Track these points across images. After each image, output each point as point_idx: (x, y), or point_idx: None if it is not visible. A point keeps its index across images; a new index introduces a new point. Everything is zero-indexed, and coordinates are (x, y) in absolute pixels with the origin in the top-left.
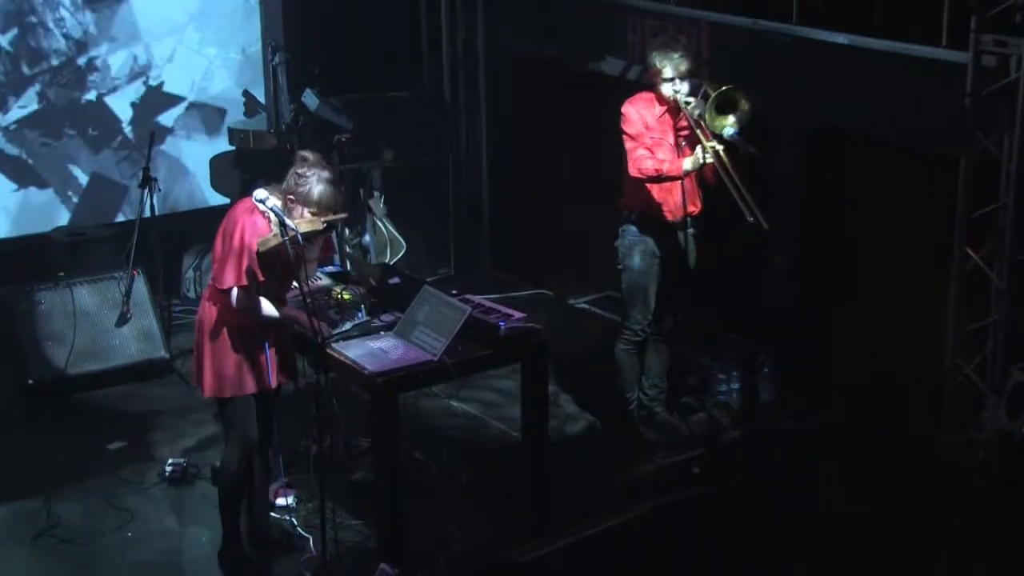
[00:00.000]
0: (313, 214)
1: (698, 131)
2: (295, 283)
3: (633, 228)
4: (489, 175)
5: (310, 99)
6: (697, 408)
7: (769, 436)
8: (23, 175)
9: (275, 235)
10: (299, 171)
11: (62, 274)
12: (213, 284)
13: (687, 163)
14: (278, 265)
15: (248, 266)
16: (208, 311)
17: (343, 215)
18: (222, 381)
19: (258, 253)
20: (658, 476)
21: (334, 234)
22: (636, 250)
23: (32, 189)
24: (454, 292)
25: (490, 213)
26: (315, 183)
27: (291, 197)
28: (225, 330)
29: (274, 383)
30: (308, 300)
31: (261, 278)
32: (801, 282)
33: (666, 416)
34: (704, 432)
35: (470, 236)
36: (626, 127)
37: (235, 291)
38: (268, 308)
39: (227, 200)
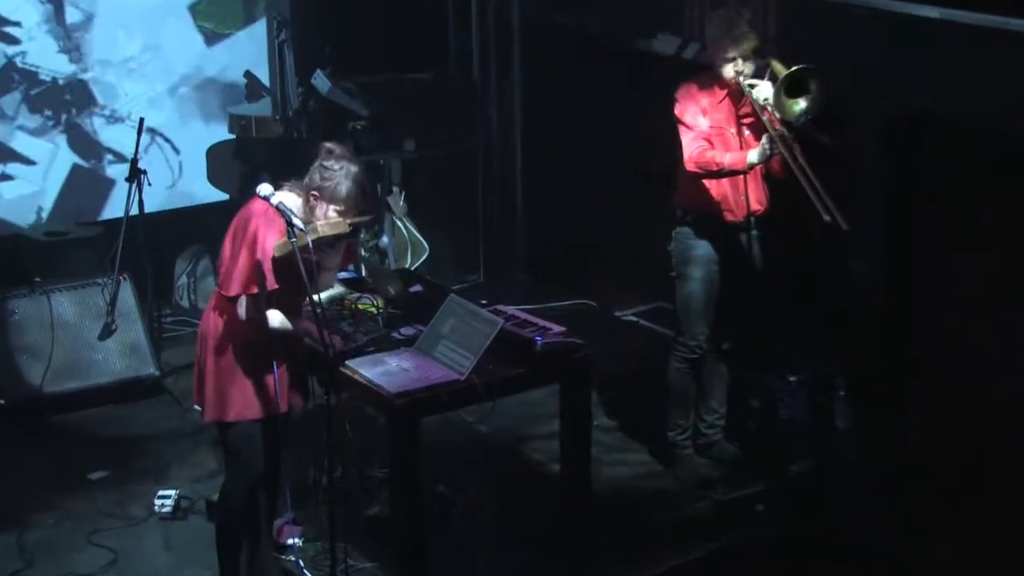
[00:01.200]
0: (339, 212)
1: (764, 118)
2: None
3: (688, 230)
4: (524, 168)
5: (321, 81)
6: (761, 436)
7: (845, 468)
8: None
9: (302, 239)
10: (325, 163)
11: (38, 279)
12: (219, 292)
13: (752, 155)
14: (293, 272)
15: (259, 272)
16: (213, 322)
17: (369, 216)
18: (225, 403)
19: (274, 258)
20: (716, 514)
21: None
22: (692, 255)
23: (3, 182)
24: (483, 302)
25: (525, 212)
26: (343, 177)
27: (315, 193)
28: (231, 345)
29: (284, 407)
30: (318, 310)
31: (273, 285)
32: (883, 290)
33: (725, 445)
34: (769, 464)
35: (502, 238)
36: (681, 114)
37: (243, 300)
38: (280, 321)
39: (225, 196)
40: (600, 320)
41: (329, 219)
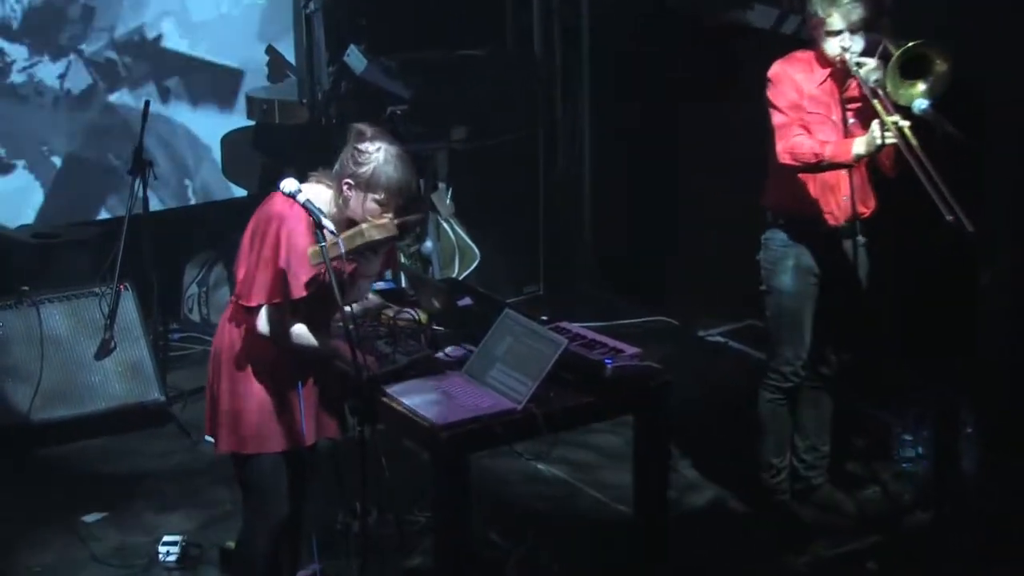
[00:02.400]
0: (379, 203)
1: (876, 103)
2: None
3: (781, 235)
4: (592, 162)
5: (355, 59)
6: (870, 480)
7: (971, 519)
8: None
9: (331, 243)
10: (359, 147)
11: (26, 288)
12: (237, 301)
13: (859, 145)
14: (320, 282)
15: (284, 279)
16: (228, 337)
17: (419, 216)
18: (243, 433)
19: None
20: (818, 573)
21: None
22: (785, 265)
23: None
24: (544, 318)
25: (593, 213)
26: (382, 160)
27: (348, 181)
28: (250, 364)
29: (311, 438)
30: (351, 326)
31: (301, 293)
32: (1017, 306)
33: (829, 490)
34: (881, 513)
35: (566, 243)
36: (775, 96)
37: (264, 311)
38: (306, 336)
39: (243, 192)
40: (681, 341)
41: (368, 211)
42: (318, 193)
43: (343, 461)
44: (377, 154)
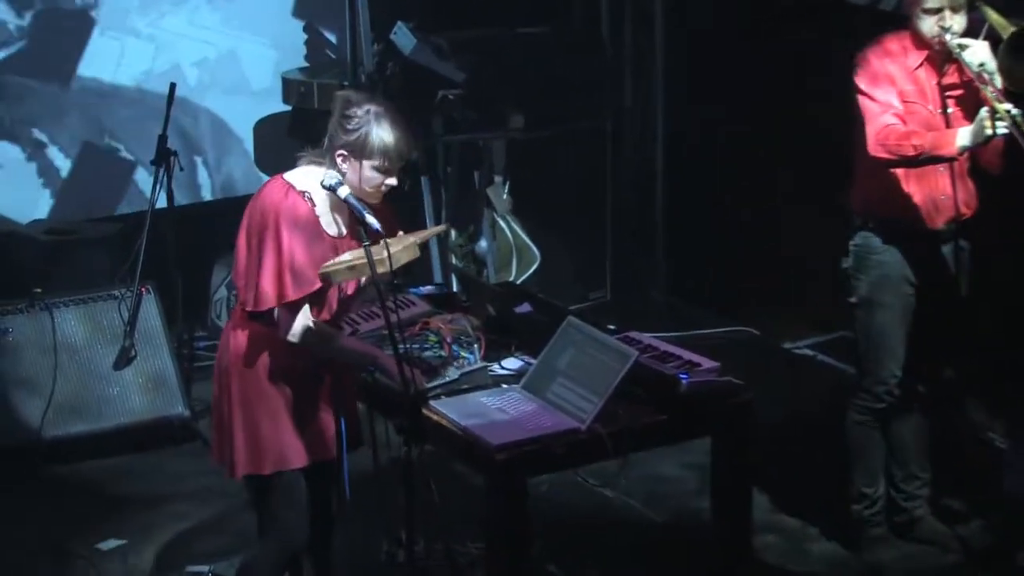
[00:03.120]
0: (378, 169)
1: (984, 89)
2: (340, 302)
3: (871, 241)
4: (667, 154)
5: (403, 37)
6: (976, 512)
7: None
8: None
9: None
10: (346, 113)
11: (38, 290)
12: (241, 308)
13: (964, 136)
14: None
15: (294, 273)
16: (235, 348)
17: (443, 227)
18: (261, 450)
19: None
20: None
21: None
22: (876, 273)
23: None
24: (611, 328)
25: (666, 211)
26: (373, 123)
27: (342, 153)
28: (264, 375)
29: (334, 451)
30: (397, 333)
31: (316, 285)
32: None
33: (931, 523)
34: (989, 549)
35: (636, 245)
36: (864, 82)
37: (279, 314)
38: (333, 335)
39: None
40: (764, 354)
41: (367, 180)
42: (309, 176)
43: (387, 485)
44: (367, 117)
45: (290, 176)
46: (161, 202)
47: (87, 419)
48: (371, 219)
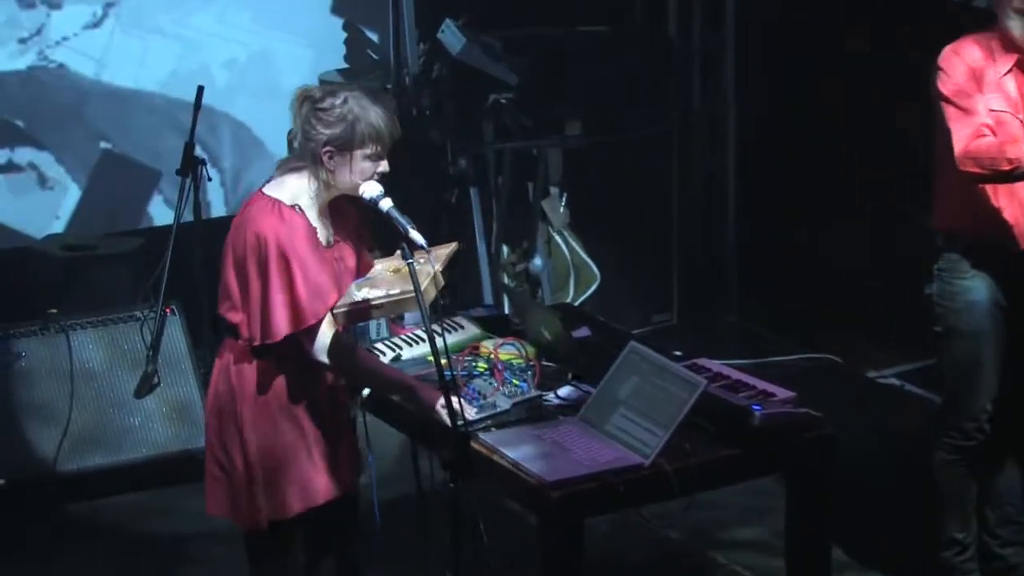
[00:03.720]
0: (371, 157)
1: None
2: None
3: (957, 263)
4: (739, 164)
5: (452, 36)
6: None
7: None
8: None
9: (392, 271)
10: (320, 107)
11: (54, 310)
12: (249, 344)
13: None
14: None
15: (313, 293)
16: (241, 385)
17: (455, 245)
18: (282, 492)
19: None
20: None
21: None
22: (964, 299)
23: (7, 173)
24: (678, 354)
25: (738, 226)
26: (356, 108)
27: (329, 149)
28: (280, 407)
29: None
30: (445, 358)
31: (334, 295)
32: None
33: None
34: None
35: (705, 263)
36: (948, 89)
37: (306, 341)
38: (364, 358)
39: None
40: (846, 383)
41: (361, 171)
42: (290, 187)
43: (431, 524)
44: (347, 105)
45: (273, 191)
46: (188, 215)
47: (106, 451)
48: (416, 234)
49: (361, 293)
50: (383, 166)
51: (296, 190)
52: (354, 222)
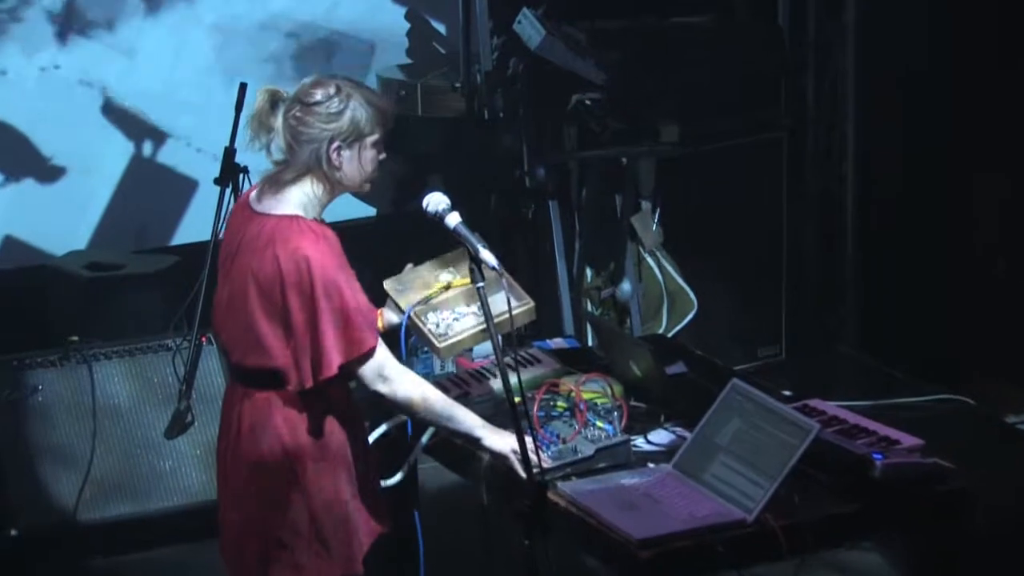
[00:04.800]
0: (376, 145)
1: None
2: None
3: None
4: (859, 176)
5: (530, 28)
6: None
7: None
8: (13, 155)
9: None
10: (310, 103)
11: (74, 338)
12: (291, 389)
13: None
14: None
15: (362, 313)
16: (293, 434)
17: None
18: (356, 538)
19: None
20: None
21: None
22: None
23: (28, 182)
24: (787, 394)
25: (858, 247)
26: (353, 96)
27: (337, 146)
28: (339, 450)
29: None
30: (519, 396)
31: (376, 312)
32: None
33: None
34: None
35: (818, 290)
36: None
37: (362, 369)
38: (430, 390)
39: (370, 210)
40: (982, 429)
41: (369, 161)
42: (303, 197)
43: None
44: (341, 93)
45: (287, 207)
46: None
47: (133, 500)
48: (487, 254)
49: (434, 321)
50: (382, 153)
51: (303, 202)
52: None
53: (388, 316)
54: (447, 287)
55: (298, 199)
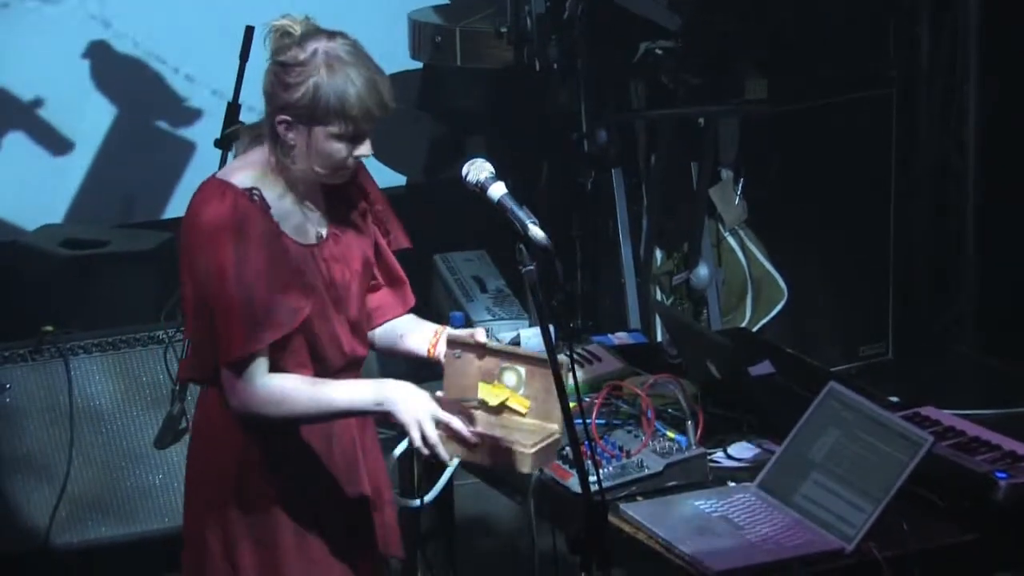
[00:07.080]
0: (336, 136)
1: None
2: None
3: None
4: (982, 140)
5: None
6: None
7: None
8: None
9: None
10: (282, 60)
11: (49, 328)
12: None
13: None
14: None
15: (265, 310)
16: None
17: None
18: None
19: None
20: None
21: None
22: None
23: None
24: (895, 400)
25: (981, 227)
26: (325, 69)
27: (284, 118)
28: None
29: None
30: (574, 402)
31: (283, 328)
32: None
33: None
34: None
35: (932, 279)
36: None
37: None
38: (315, 388)
39: (400, 178)
40: None
41: (323, 153)
42: (260, 164)
43: None
44: (313, 61)
45: (227, 172)
46: None
47: (115, 520)
48: (537, 230)
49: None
50: (362, 150)
51: (258, 167)
52: (360, 207)
53: (440, 347)
54: (502, 404)
55: (253, 162)
